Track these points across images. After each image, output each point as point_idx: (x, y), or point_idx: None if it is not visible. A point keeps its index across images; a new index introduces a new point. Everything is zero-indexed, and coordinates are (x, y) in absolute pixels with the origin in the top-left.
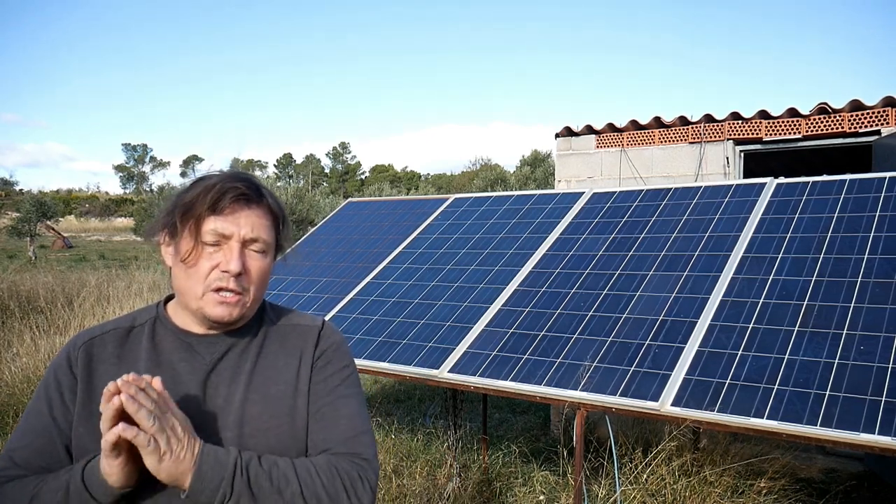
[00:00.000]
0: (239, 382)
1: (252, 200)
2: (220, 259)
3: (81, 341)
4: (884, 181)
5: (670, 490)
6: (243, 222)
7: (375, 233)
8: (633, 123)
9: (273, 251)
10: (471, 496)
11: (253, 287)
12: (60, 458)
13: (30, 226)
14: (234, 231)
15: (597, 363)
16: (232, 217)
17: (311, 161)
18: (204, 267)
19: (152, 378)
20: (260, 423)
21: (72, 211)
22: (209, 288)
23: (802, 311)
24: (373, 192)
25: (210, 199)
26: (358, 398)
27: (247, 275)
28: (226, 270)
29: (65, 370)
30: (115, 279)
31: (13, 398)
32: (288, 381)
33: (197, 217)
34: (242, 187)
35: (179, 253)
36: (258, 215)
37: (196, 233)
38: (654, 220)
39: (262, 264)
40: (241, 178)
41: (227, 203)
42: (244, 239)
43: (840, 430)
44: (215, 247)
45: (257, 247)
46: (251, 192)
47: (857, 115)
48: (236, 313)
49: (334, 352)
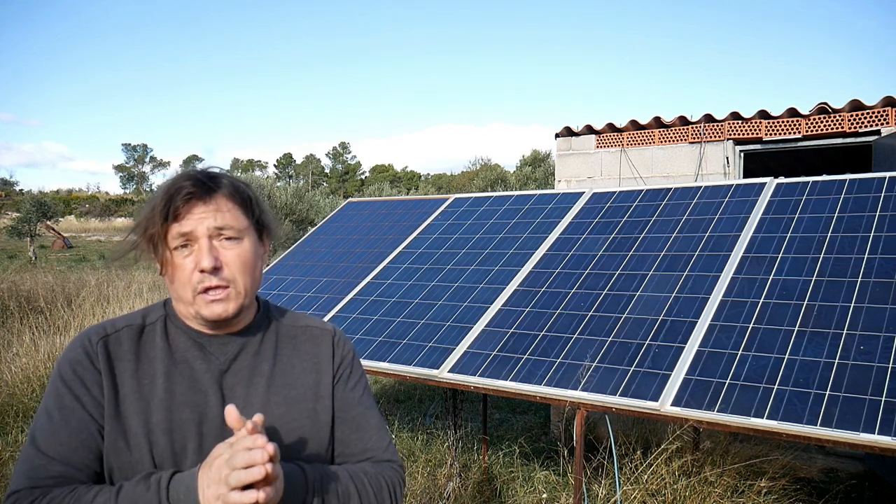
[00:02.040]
0: (257, 384)
1: (204, 193)
2: (196, 259)
3: (98, 337)
4: (884, 181)
5: (670, 490)
6: (204, 216)
7: (375, 233)
8: (633, 123)
9: (252, 234)
10: (471, 496)
11: (238, 276)
12: (98, 454)
13: (30, 226)
14: (194, 227)
15: (597, 363)
16: (189, 216)
17: (311, 161)
18: (184, 273)
19: (255, 421)
20: (282, 424)
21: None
22: (196, 291)
23: (802, 311)
24: (373, 192)
25: (163, 208)
26: (377, 407)
27: (227, 266)
28: (202, 269)
29: (86, 365)
30: (114, 279)
31: (13, 398)
32: (307, 385)
33: (156, 233)
34: (189, 185)
35: (161, 266)
36: (217, 205)
37: (164, 244)
38: (654, 220)
39: (240, 250)
40: (188, 176)
41: (181, 205)
42: (209, 232)
43: (840, 430)
44: (187, 249)
45: (227, 234)
46: (199, 187)
47: (857, 115)
48: (232, 307)
49: (351, 361)
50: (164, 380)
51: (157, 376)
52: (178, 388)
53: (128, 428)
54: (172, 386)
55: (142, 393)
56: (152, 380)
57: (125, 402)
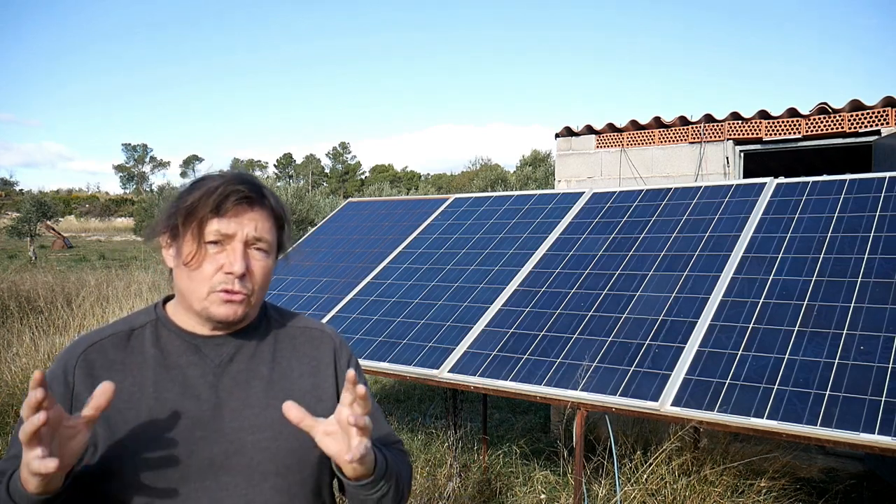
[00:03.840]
0: (256, 387)
1: (255, 202)
2: (224, 260)
3: (80, 349)
4: (884, 181)
5: (670, 490)
6: (246, 223)
7: (375, 233)
8: (633, 123)
9: (275, 252)
10: (471, 496)
11: (257, 287)
12: None
13: (30, 226)
14: (237, 231)
15: (597, 363)
16: (235, 218)
17: (311, 161)
18: (207, 269)
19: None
20: (283, 426)
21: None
22: (214, 289)
23: (802, 311)
24: (373, 192)
25: (213, 202)
26: None
27: (250, 275)
28: (230, 272)
29: (60, 380)
30: (114, 279)
31: (13, 398)
32: (307, 388)
33: (200, 219)
34: (245, 189)
35: (182, 255)
36: (261, 216)
37: (199, 235)
38: (654, 220)
39: (265, 264)
40: (243, 180)
41: (231, 205)
42: (247, 239)
43: (840, 430)
44: (218, 248)
45: (260, 247)
46: (254, 194)
47: (857, 115)
48: (241, 312)
49: (350, 359)
50: (153, 387)
51: (145, 384)
52: (168, 395)
53: (111, 436)
54: (162, 393)
55: (130, 401)
56: (140, 387)
57: (111, 410)
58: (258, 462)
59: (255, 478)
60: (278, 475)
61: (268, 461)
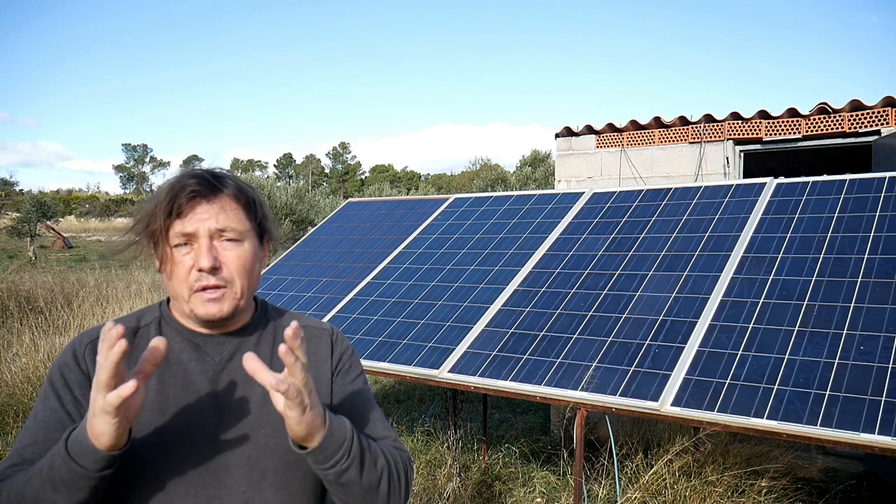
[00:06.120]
0: (255, 384)
1: (209, 193)
2: (193, 259)
3: (88, 340)
4: (884, 181)
5: (670, 490)
6: (205, 217)
7: (375, 233)
8: (633, 123)
9: (253, 236)
10: (471, 496)
11: (237, 277)
12: None
13: (30, 226)
14: (197, 227)
15: (597, 363)
16: (192, 214)
17: (311, 161)
18: (181, 270)
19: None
20: (281, 424)
21: (72, 211)
22: (192, 289)
23: (802, 311)
24: (373, 192)
25: (166, 206)
26: (379, 407)
27: (225, 266)
28: (200, 269)
29: (72, 367)
30: (114, 279)
31: (13, 398)
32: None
33: (160, 227)
34: (194, 184)
35: (159, 263)
36: (220, 206)
37: (165, 241)
38: (654, 220)
39: (240, 252)
40: (193, 174)
41: (185, 202)
42: (211, 233)
43: (840, 430)
44: (187, 248)
45: (228, 236)
46: (204, 186)
47: (857, 115)
48: (226, 308)
49: (350, 356)
50: (157, 382)
51: (149, 378)
52: (170, 389)
53: None
54: (165, 388)
55: None
56: (144, 382)
57: None
58: (257, 459)
59: (255, 475)
60: (277, 472)
61: (267, 458)
